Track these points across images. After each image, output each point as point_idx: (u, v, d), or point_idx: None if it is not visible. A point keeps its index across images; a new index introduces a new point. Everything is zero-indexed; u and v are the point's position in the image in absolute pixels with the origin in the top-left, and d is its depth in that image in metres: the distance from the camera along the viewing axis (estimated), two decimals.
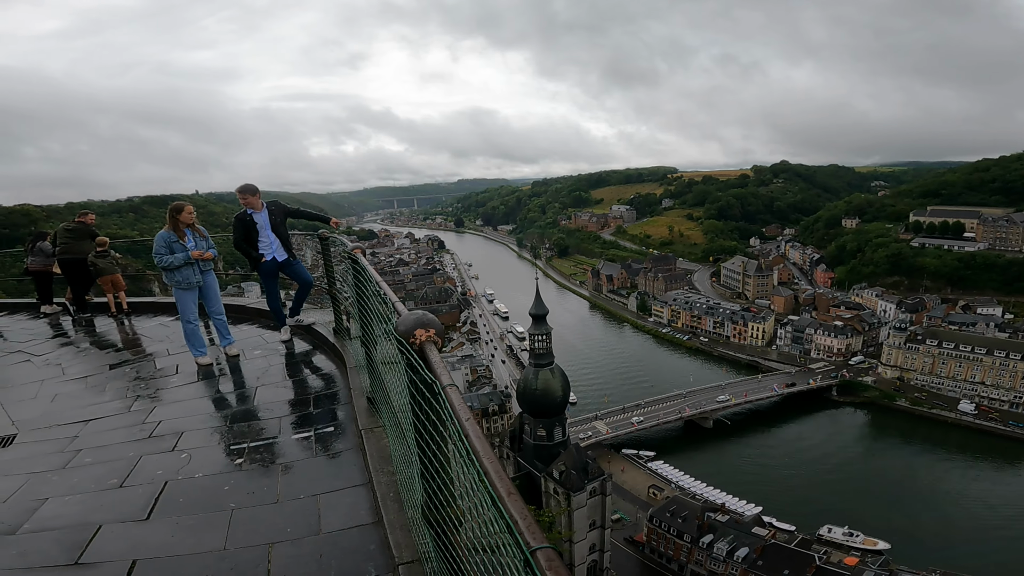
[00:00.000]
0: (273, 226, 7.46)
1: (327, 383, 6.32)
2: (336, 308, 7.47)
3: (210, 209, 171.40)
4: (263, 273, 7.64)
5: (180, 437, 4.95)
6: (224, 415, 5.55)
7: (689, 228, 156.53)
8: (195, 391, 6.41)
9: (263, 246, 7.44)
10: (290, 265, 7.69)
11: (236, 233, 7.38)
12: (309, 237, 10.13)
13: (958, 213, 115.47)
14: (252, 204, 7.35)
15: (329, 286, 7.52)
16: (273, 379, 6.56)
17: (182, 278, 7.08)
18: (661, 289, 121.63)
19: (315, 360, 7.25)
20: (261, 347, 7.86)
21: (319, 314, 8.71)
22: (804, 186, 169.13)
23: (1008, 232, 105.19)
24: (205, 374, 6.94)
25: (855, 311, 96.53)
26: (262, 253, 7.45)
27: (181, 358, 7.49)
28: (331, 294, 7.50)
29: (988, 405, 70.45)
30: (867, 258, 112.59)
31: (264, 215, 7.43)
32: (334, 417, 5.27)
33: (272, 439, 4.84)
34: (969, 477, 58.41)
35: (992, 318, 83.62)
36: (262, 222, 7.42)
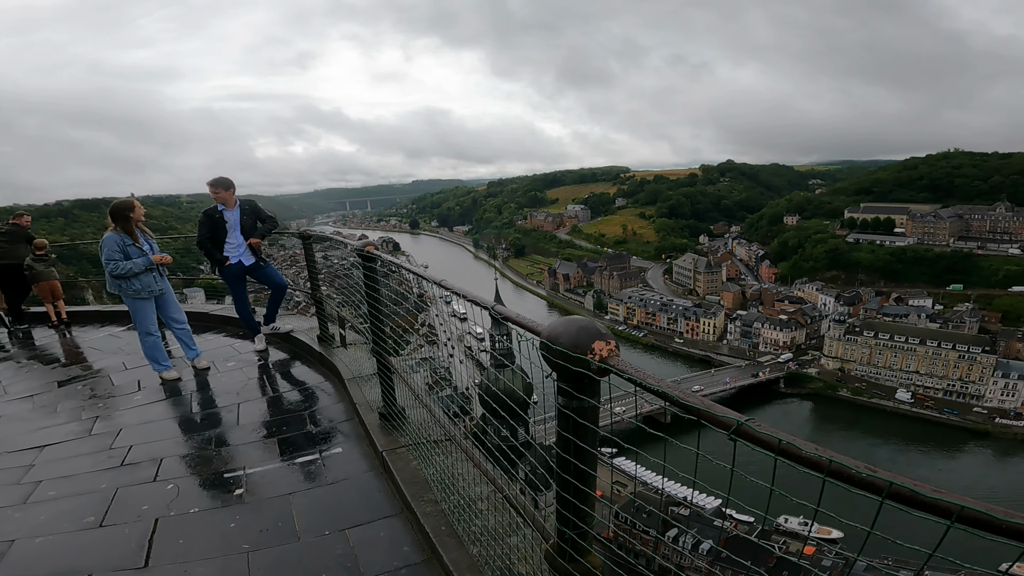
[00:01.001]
0: (243, 227, 6.81)
1: (321, 397, 5.69)
2: (321, 314, 6.90)
3: (148, 212, 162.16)
4: (227, 278, 6.99)
5: (159, 464, 4.33)
6: (206, 437, 4.91)
7: (642, 227, 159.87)
8: (165, 410, 5.74)
9: (229, 248, 6.79)
10: (259, 269, 7.03)
11: (201, 231, 6.73)
12: (276, 244, 9.54)
13: (889, 210, 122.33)
14: (225, 200, 6.72)
15: (312, 290, 6.90)
16: (256, 394, 5.94)
17: (142, 286, 6.28)
18: (616, 287, 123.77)
19: (300, 371, 6.60)
20: (234, 358, 7.16)
21: (296, 320, 8.10)
22: (749, 184, 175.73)
23: (935, 227, 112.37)
24: (173, 391, 6.21)
25: (798, 305, 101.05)
26: (227, 256, 6.79)
27: (142, 372, 6.73)
28: (315, 299, 6.89)
29: (923, 393, 74.99)
30: (807, 254, 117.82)
31: (236, 213, 6.78)
32: (340, 436, 4.74)
33: (271, 464, 4.25)
34: (911, 464, 62.03)
35: (923, 309, 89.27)
36: (232, 221, 6.77)
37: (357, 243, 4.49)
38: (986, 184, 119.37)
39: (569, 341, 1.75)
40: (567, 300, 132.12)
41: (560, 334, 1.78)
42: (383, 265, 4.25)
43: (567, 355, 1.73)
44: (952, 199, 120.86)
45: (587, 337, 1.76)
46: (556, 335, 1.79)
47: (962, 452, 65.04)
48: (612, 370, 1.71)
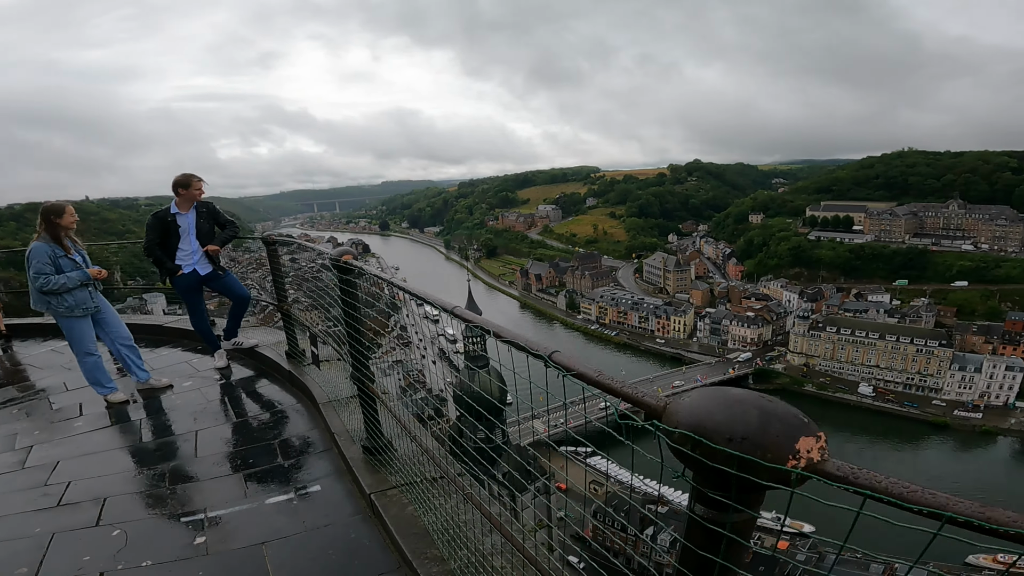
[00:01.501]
0: (199, 232, 6.12)
1: (293, 423, 5.08)
2: (289, 328, 6.25)
3: (103, 216, 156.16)
4: (180, 289, 6.29)
5: (103, 505, 3.71)
6: (159, 472, 4.25)
7: (612, 226, 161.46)
8: (111, 438, 5.03)
9: (182, 255, 6.10)
10: (216, 279, 6.34)
11: (150, 235, 5.99)
12: (241, 246, 8.78)
13: (847, 208, 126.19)
14: (190, 197, 6.08)
15: (279, 301, 6.26)
16: (216, 419, 5.26)
17: (76, 303, 5.52)
18: (588, 287, 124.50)
19: (267, 392, 5.95)
20: (192, 376, 6.45)
21: (261, 333, 7.41)
22: (715, 184, 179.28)
23: (891, 224, 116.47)
24: (120, 416, 5.49)
25: (764, 302, 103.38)
26: (179, 264, 6.09)
27: (85, 394, 5.99)
28: (282, 311, 6.26)
29: (885, 387, 77.53)
30: (772, 251, 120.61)
31: (191, 217, 6.08)
32: (317, 470, 4.17)
33: (238, 505, 3.65)
34: (877, 458, 63.88)
35: (881, 304, 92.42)
36: (186, 225, 6.07)
37: (332, 251, 3.86)
38: (939, 182, 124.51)
39: (755, 441, 1.06)
40: (539, 300, 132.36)
41: (726, 424, 1.08)
42: (364, 278, 3.68)
43: (750, 462, 1.05)
44: (907, 197, 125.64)
45: (786, 433, 1.08)
46: (717, 425, 1.09)
47: (924, 445, 67.35)
48: (815, 477, 1.09)
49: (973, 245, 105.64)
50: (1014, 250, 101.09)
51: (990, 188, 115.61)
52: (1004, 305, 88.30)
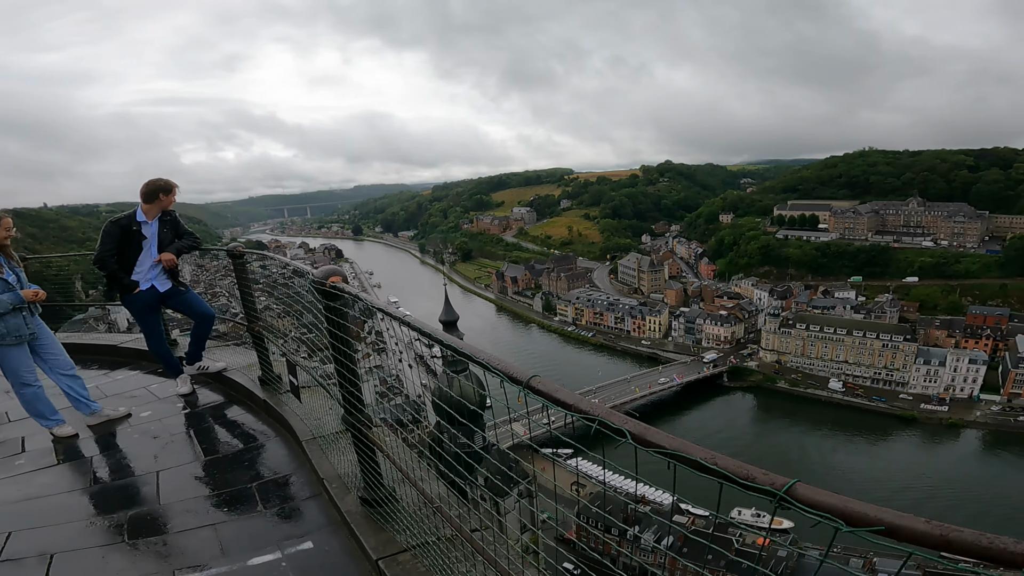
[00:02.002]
0: (162, 243, 5.43)
1: (272, 462, 4.49)
2: (262, 351, 5.65)
3: (62, 223, 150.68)
4: (137, 307, 5.57)
5: (50, 563, 3.18)
6: (116, 522, 3.66)
7: (587, 227, 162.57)
8: (58, 480, 4.34)
9: (140, 270, 5.40)
10: (177, 295, 5.65)
11: (106, 245, 5.22)
12: (208, 253, 8.08)
13: (813, 207, 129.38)
14: (165, 206, 5.43)
15: (248, 322, 5.67)
16: (181, 456, 4.63)
17: (7, 330, 4.76)
18: (564, 288, 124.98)
19: (239, 423, 5.36)
20: (152, 404, 5.76)
21: (230, 353, 6.77)
22: (686, 184, 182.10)
23: (855, 222, 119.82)
24: (69, 452, 4.78)
25: (736, 300, 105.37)
26: (135, 280, 5.39)
27: (26, 427, 5.22)
28: (253, 333, 5.66)
29: (853, 382, 79.56)
30: (742, 250, 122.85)
31: (155, 227, 5.39)
32: (306, 523, 3.65)
33: (215, 567, 3.16)
34: (848, 452, 65.40)
35: (848, 301, 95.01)
36: (150, 236, 5.38)
37: (316, 271, 3.24)
38: (898, 181, 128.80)
39: None
40: (516, 303, 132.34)
41: None
42: (354, 304, 3.17)
43: None
44: (869, 195, 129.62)
45: None
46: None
47: (892, 438, 69.13)
48: None
49: (933, 241, 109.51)
50: (972, 246, 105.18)
51: (948, 186, 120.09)
52: (964, 300, 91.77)
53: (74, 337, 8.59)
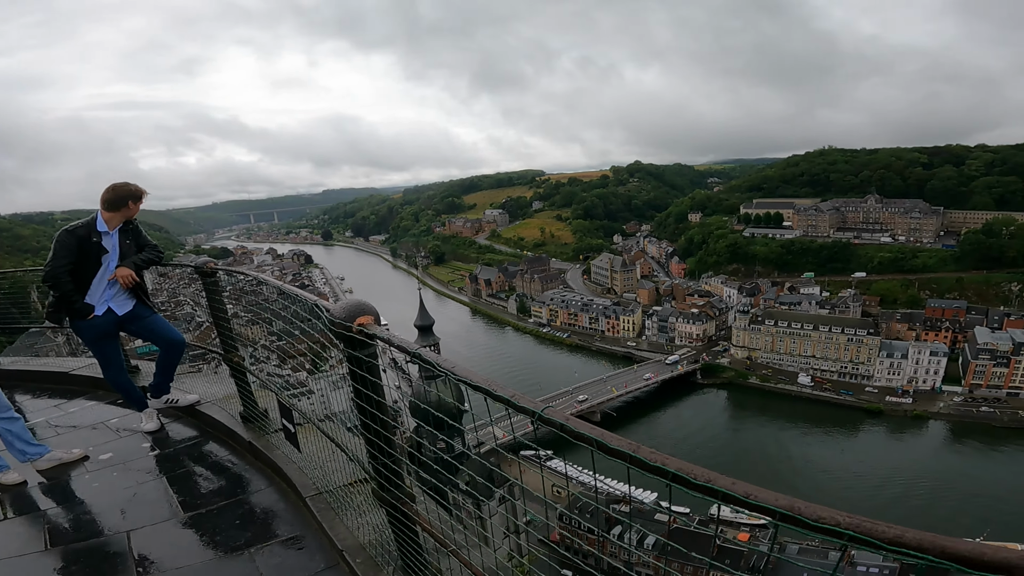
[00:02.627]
0: (123, 256, 4.65)
1: (267, 520, 3.75)
2: (242, 384, 4.83)
3: (16, 232, 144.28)
4: (91, 335, 4.72)
5: None
6: None
7: (559, 229, 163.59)
8: (5, 541, 3.64)
9: (96, 290, 4.58)
10: (139, 319, 4.80)
11: (61, 259, 4.43)
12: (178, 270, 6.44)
13: (777, 204, 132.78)
14: (129, 215, 4.67)
15: (225, 351, 4.82)
16: (154, 511, 3.87)
17: None
18: (538, 290, 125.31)
19: (221, 468, 4.55)
20: (112, 444, 4.92)
21: (203, 382, 5.86)
22: (655, 184, 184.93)
23: (817, 220, 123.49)
24: (19, 504, 4.08)
25: (706, 298, 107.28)
26: (90, 303, 4.56)
27: None
28: (229, 363, 4.82)
29: (822, 376, 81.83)
30: (711, 249, 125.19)
31: (115, 239, 4.61)
32: None
33: None
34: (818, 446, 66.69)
35: (813, 296, 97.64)
36: (111, 248, 4.59)
37: (336, 307, 2.53)
38: (857, 178, 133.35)
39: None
40: (490, 305, 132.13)
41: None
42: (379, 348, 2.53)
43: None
44: (829, 193, 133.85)
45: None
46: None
47: (860, 431, 71.13)
48: None
49: (891, 237, 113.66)
50: (929, 241, 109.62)
51: (903, 183, 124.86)
52: (923, 293, 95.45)
53: (19, 362, 7.85)
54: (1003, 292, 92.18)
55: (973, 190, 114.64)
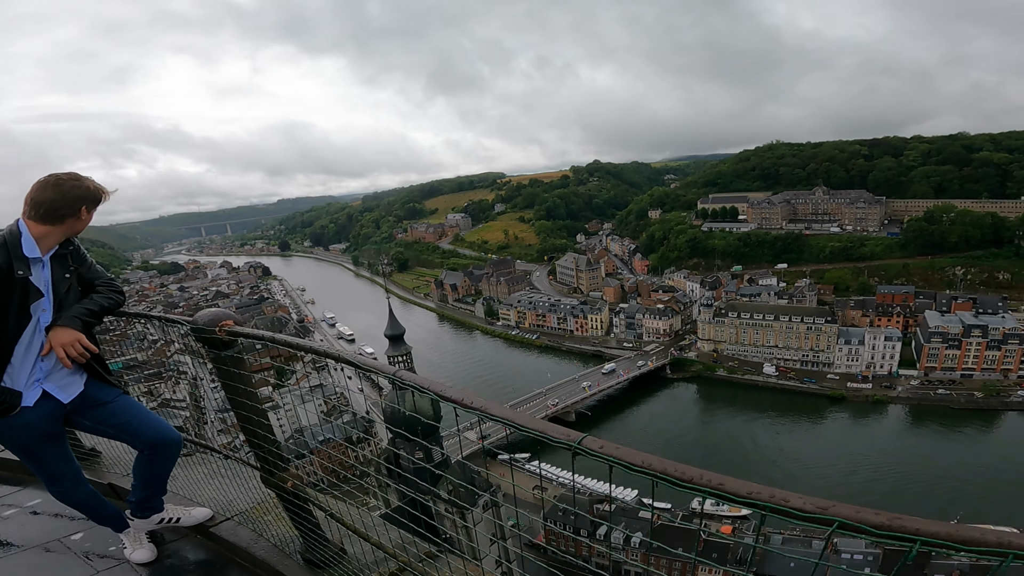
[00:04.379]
0: (59, 302, 2.83)
1: None
2: (302, 516, 2.98)
3: None
4: (20, 438, 2.86)
5: None
6: None
7: (522, 230, 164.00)
8: None
9: (18, 369, 2.74)
10: (97, 407, 2.98)
11: None
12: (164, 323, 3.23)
13: (732, 199, 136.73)
14: (73, 231, 2.87)
15: (265, 467, 3.06)
16: None
17: None
18: (505, 292, 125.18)
19: None
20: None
21: (214, 482, 3.66)
22: (615, 183, 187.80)
23: (769, 212, 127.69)
24: None
25: (671, 293, 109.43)
26: (8, 387, 2.71)
27: None
28: (275, 486, 2.99)
29: (785, 366, 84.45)
30: (672, 244, 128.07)
31: (46, 269, 2.79)
32: None
33: None
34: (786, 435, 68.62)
35: (771, 287, 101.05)
36: (44, 287, 2.76)
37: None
38: (804, 171, 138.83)
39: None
40: (457, 310, 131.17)
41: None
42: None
43: None
44: (779, 186, 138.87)
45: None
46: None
47: (825, 418, 73.59)
48: None
49: (839, 227, 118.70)
50: (874, 229, 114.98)
51: (847, 174, 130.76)
52: (872, 280, 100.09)
53: None
54: (947, 276, 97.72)
55: (912, 179, 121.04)
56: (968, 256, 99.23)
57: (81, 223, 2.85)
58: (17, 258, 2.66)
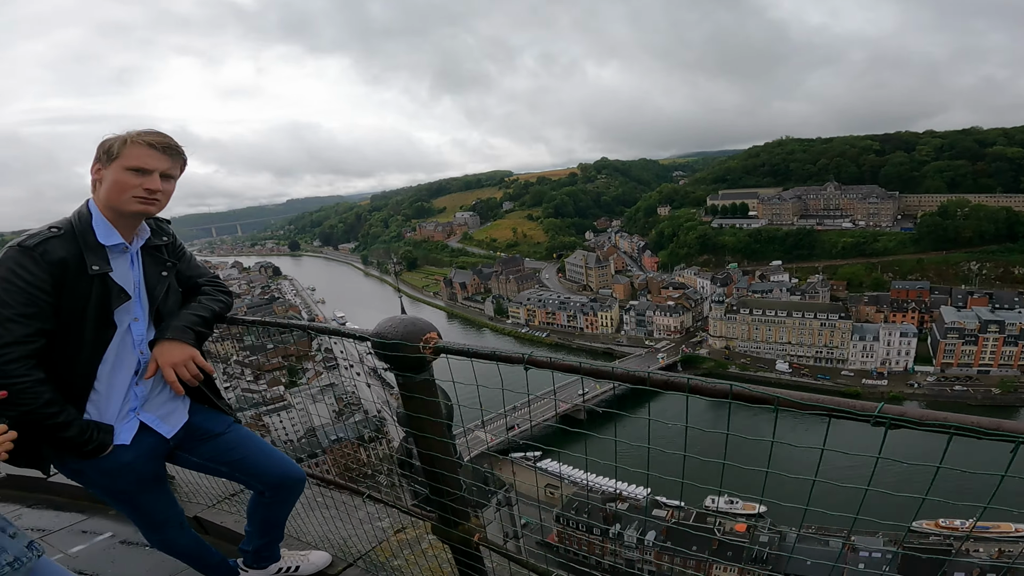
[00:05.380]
0: (161, 308, 2.27)
1: None
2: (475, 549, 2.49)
3: None
4: (118, 482, 2.24)
5: None
6: None
7: (531, 228, 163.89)
8: None
9: (108, 396, 2.14)
10: (206, 440, 2.44)
11: (8, 327, 1.87)
12: None
13: (742, 195, 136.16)
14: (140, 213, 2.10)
15: (444, 514, 2.46)
16: None
17: None
18: (514, 290, 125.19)
19: None
20: None
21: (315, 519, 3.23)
22: (623, 180, 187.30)
23: (780, 208, 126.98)
24: None
25: (681, 290, 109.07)
26: (96, 421, 2.10)
27: None
28: (443, 518, 2.47)
29: (798, 362, 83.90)
30: (682, 241, 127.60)
31: (136, 265, 2.19)
32: None
33: None
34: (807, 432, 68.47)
35: (783, 283, 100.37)
36: (132, 287, 2.14)
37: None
38: (815, 167, 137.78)
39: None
40: (466, 308, 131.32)
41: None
42: None
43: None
44: (790, 182, 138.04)
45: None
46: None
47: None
48: None
49: (851, 223, 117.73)
50: (887, 224, 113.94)
51: (859, 170, 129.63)
52: (886, 276, 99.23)
53: None
54: (962, 271, 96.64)
55: (925, 174, 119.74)
56: (983, 251, 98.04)
57: (165, 196, 2.13)
58: (90, 249, 2.01)
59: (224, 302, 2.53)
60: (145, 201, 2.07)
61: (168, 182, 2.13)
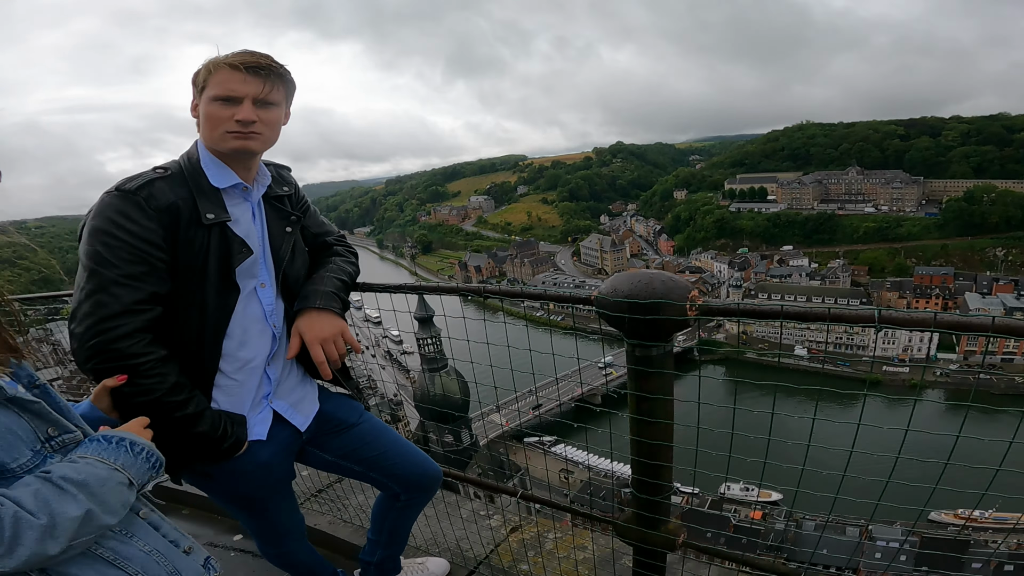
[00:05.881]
0: (279, 264, 1.80)
1: None
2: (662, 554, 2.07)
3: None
4: (251, 486, 1.84)
5: None
6: None
7: (546, 212, 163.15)
8: None
9: (236, 372, 1.71)
10: (339, 433, 2.03)
11: (112, 289, 1.48)
12: None
13: (760, 179, 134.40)
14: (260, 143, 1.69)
15: None
16: None
17: None
18: (529, 274, 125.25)
19: None
20: None
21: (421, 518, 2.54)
22: (638, 164, 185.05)
23: (800, 192, 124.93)
24: None
25: (698, 274, 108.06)
26: (227, 410, 1.70)
27: None
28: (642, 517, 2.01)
29: (817, 348, 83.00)
30: (698, 225, 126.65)
31: (258, 217, 1.78)
32: None
33: None
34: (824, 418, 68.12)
35: (802, 268, 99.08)
36: (255, 242, 1.72)
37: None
38: (836, 152, 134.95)
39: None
40: None
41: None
42: None
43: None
44: (810, 166, 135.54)
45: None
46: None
47: (859, 402, 72.25)
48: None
49: (874, 207, 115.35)
50: (911, 210, 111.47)
51: (882, 155, 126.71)
52: (909, 261, 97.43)
53: None
54: (988, 257, 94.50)
55: (951, 160, 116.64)
56: (1010, 237, 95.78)
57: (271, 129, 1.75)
58: (203, 193, 1.63)
59: (357, 266, 2.09)
60: (240, 136, 1.63)
61: (267, 110, 1.67)
